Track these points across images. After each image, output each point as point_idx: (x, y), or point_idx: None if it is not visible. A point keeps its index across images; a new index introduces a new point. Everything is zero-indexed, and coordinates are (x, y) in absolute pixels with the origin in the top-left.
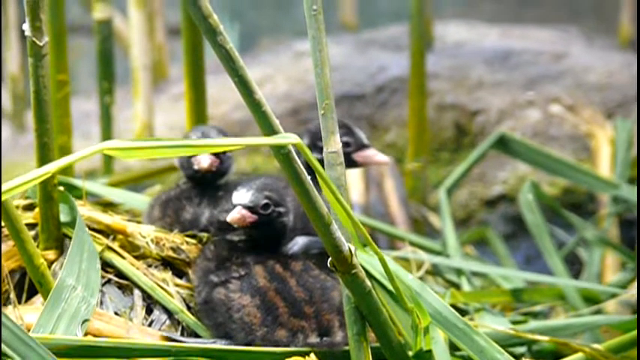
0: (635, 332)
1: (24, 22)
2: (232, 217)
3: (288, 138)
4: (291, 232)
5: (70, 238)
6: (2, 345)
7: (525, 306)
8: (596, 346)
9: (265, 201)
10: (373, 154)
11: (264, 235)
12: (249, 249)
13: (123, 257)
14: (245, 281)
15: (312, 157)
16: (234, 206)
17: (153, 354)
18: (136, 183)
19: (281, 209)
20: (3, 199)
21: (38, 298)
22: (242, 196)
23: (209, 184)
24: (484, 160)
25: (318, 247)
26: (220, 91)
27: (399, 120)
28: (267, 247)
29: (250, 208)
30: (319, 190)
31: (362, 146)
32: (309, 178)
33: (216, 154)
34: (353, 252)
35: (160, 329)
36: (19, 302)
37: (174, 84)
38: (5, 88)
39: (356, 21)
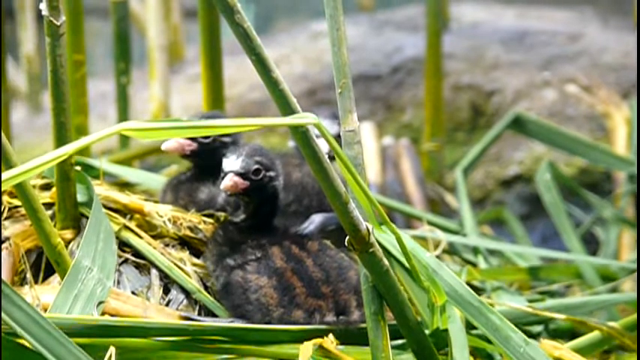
0: None
1: (41, 1)
2: (225, 184)
3: (306, 118)
4: (307, 211)
5: (87, 217)
6: (16, 327)
7: (542, 284)
8: (612, 324)
9: (256, 166)
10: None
11: (258, 202)
12: (251, 228)
13: (140, 237)
14: (262, 263)
15: (330, 136)
16: (225, 174)
17: (170, 333)
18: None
19: (272, 173)
20: (21, 179)
21: (55, 278)
22: (232, 163)
23: (207, 167)
24: (500, 141)
25: (335, 222)
26: (237, 71)
27: (415, 100)
28: (263, 221)
29: (242, 175)
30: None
31: None
32: (326, 156)
33: (192, 138)
34: (370, 230)
35: (177, 309)
36: (36, 282)
37: (190, 65)
38: (21, 69)
39: (372, 1)
